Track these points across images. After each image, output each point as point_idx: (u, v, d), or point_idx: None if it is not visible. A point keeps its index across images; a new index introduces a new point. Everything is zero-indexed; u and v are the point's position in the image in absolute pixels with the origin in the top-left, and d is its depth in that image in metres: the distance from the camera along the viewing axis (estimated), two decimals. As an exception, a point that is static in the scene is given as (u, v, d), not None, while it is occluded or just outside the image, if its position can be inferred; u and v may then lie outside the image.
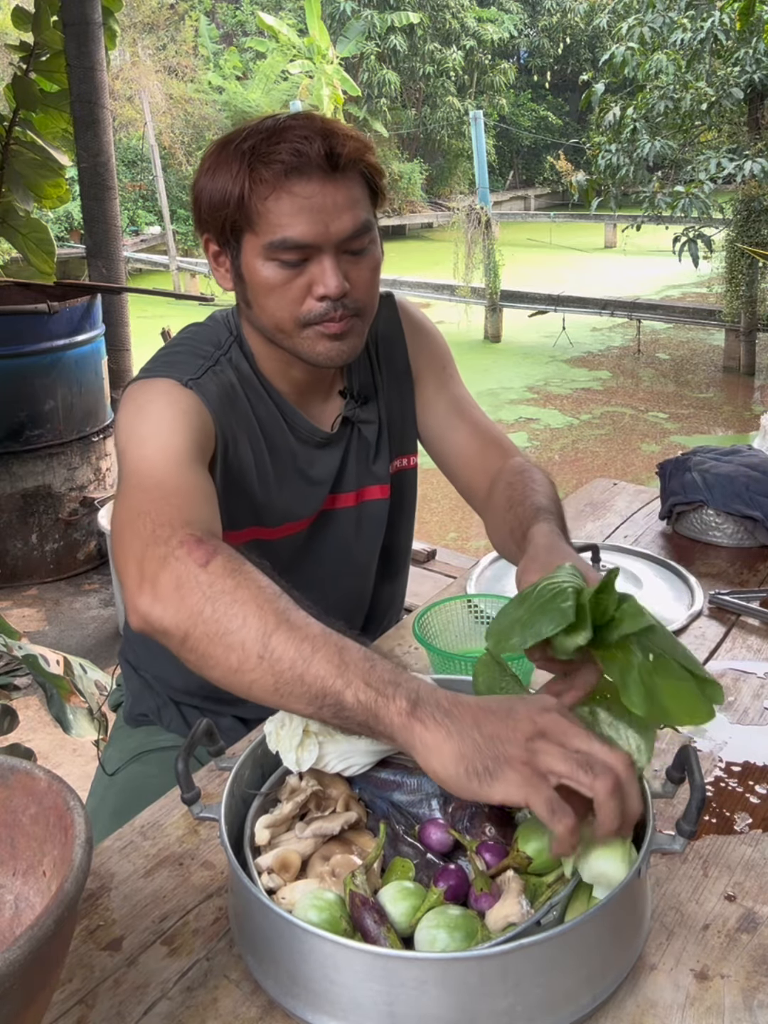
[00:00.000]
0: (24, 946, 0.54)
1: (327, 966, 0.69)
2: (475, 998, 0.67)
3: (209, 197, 1.01)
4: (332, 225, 0.99)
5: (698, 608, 1.36)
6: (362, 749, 0.85)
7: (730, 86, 8.33)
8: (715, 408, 7.62)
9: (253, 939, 0.75)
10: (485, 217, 10.06)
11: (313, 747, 0.84)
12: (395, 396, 1.26)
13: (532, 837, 0.76)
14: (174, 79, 17.37)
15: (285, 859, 0.79)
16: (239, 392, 1.12)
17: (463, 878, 0.75)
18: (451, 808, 0.82)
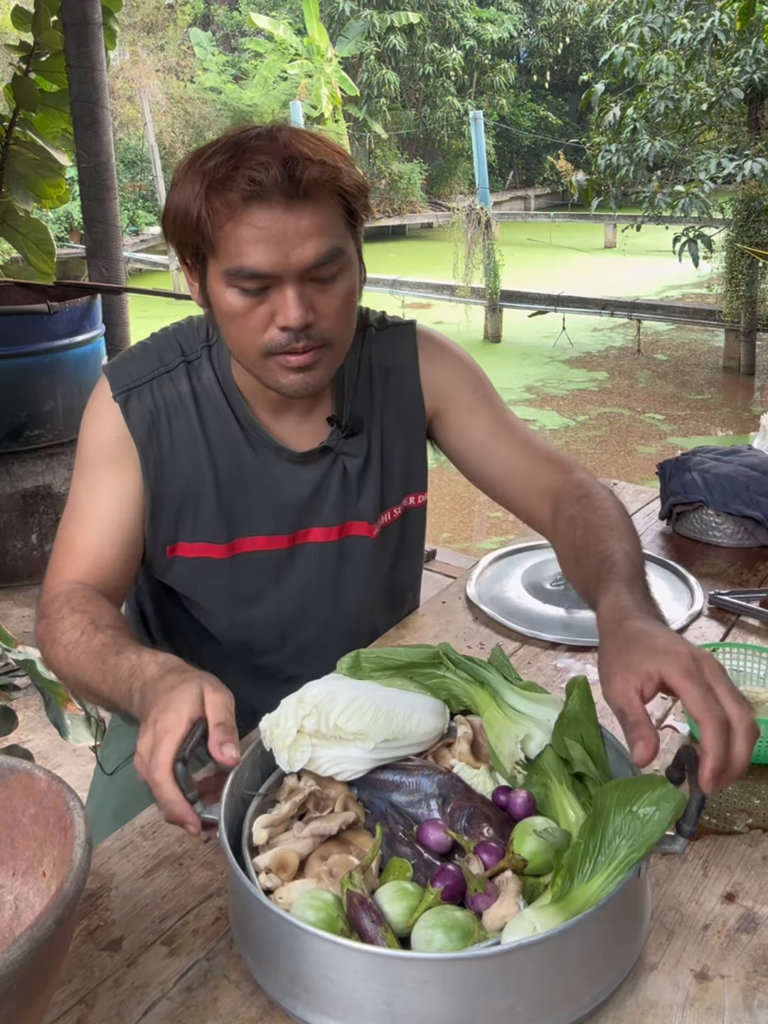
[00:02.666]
0: (24, 946, 0.54)
1: (326, 966, 0.69)
2: (475, 998, 0.67)
3: (174, 214, 0.98)
4: (293, 254, 0.94)
5: (698, 608, 1.36)
6: (355, 756, 0.85)
7: (730, 86, 8.33)
8: (714, 409, 7.62)
9: (252, 939, 0.75)
10: (485, 217, 10.06)
11: (306, 748, 0.85)
12: (400, 433, 1.20)
13: (528, 839, 0.76)
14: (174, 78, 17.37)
15: (283, 859, 0.79)
16: (187, 404, 1.11)
17: (460, 878, 0.75)
18: (449, 808, 0.83)
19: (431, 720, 0.90)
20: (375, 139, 19.41)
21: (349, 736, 0.85)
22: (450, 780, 0.86)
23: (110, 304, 3.54)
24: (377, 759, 0.86)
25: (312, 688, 0.90)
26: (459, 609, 1.40)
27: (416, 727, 0.88)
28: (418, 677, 0.95)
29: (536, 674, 1.21)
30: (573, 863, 0.72)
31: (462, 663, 0.96)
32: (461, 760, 0.90)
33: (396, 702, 0.89)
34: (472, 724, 0.95)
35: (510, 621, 1.34)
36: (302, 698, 0.88)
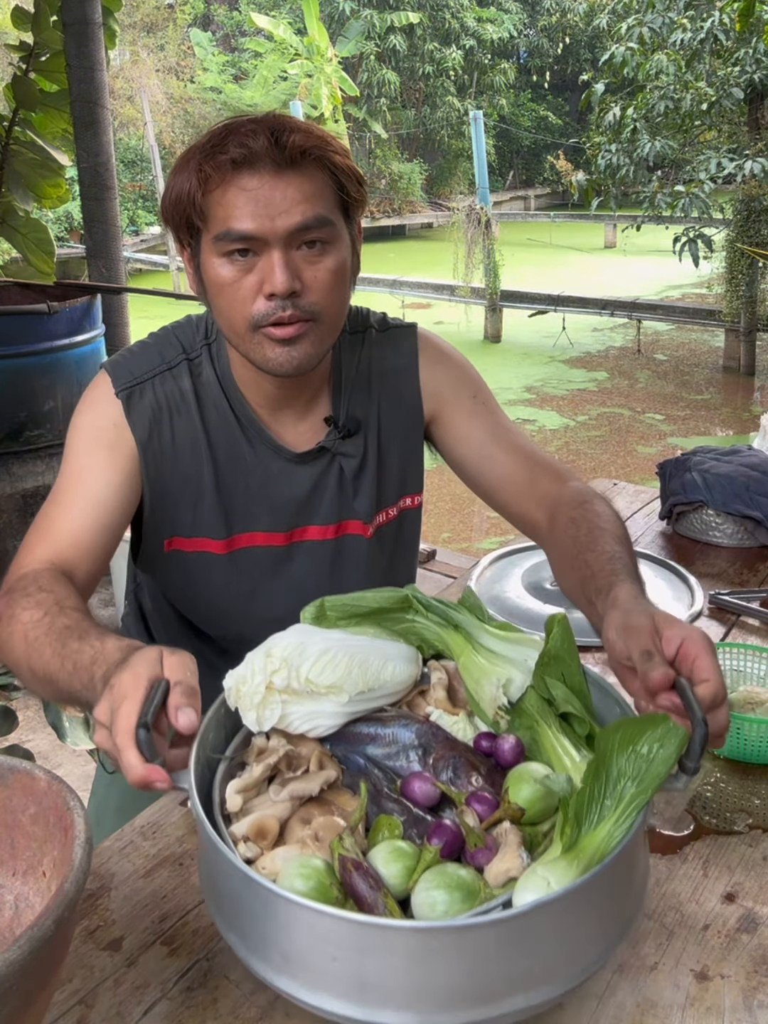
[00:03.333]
0: (24, 946, 0.54)
1: (326, 941, 0.63)
2: (491, 964, 0.63)
3: (169, 197, 1.02)
4: (279, 218, 0.96)
5: (698, 608, 1.36)
6: (329, 711, 0.80)
7: (730, 86, 8.33)
8: (714, 409, 7.62)
9: (235, 915, 0.69)
10: (485, 217, 10.06)
11: (276, 705, 0.79)
12: (398, 434, 1.20)
13: (524, 786, 0.73)
14: (174, 78, 17.38)
15: (262, 825, 0.73)
16: (188, 401, 1.11)
17: (457, 833, 0.71)
18: (432, 759, 0.78)
19: (405, 668, 0.85)
20: (375, 139, 19.41)
21: (322, 690, 0.80)
22: (429, 729, 0.82)
23: (110, 304, 3.54)
24: (351, 712, 0.81)
25: (279, 641, 0.83)
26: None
27: (391, 676, 0.84)
28: (387, 623, 0.90)
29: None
30: (580, 810, 0.69)
31: (433, 606, 0.91)
32: (438, 707, 0.86)
33: (369, 651, 0.84)
34: (447, 669, 0.90)
35: (510, 621, 1.34)
36: (269, 652, 0.81)
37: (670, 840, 0.91)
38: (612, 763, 0.69)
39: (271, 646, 0.82)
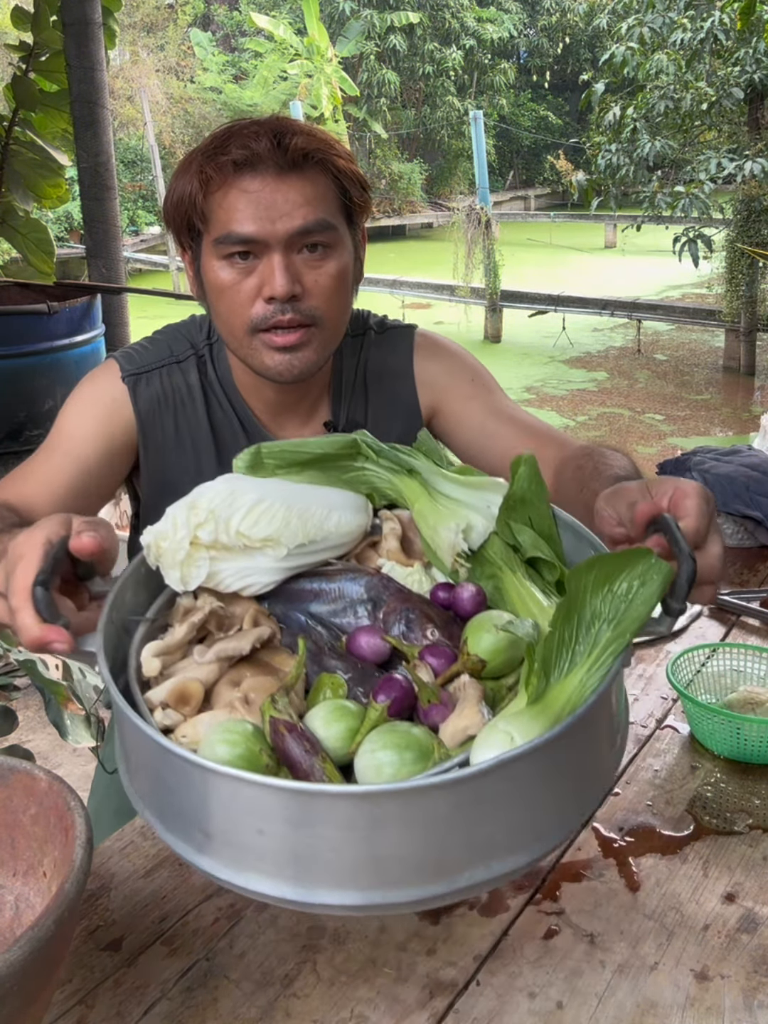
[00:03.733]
0: (24, 947, 0.54)
1: (254, 814, 0.55)
2: (447, 832, 0.54)
3: (170, 199, 1.01)
4: (280, 221, 0.95)
5: (698, 608, 1.36)
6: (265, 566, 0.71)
7: (730, 86, 8.33)
8: (714, 409, 7.62)
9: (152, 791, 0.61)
10: (485, 217, 10.06)
11: (202, 562, 0.70)
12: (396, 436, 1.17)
13: (485, 635, 0.65)
14: (174, 78, 17.38)
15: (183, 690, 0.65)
16: (195, 396, 1.11)
17: (408, 688, 0.62)
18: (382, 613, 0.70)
19: (352, 517, 0.77)
20: (375, 139, 19.41)
21: (256, 544, 0.71)
22: (380, 581, 0.73)
23: (110, 304, 3.54)
24: (291, 567, 0.73)
25: (206, 491, 0.74)
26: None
27: (335, 527, 0.75)
28: (332, 471, 0.81)
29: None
30: (548, 657, 0.60)
31: (384, 451, 0.83)
32: (390, 559, 0.77)
33: (310, 500, 0.75)
34: (400, 518, 0.81)
35: (510, 621, 1.34)
36: (194, 504, 0.73)
37: (670, 840, 0.91)
38: (585, 604, 0.61)
39: (196, 497, 0.74)
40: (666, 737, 1.07)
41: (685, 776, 1.01)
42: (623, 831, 0.92)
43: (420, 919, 0.80)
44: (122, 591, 0.71)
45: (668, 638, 1.29)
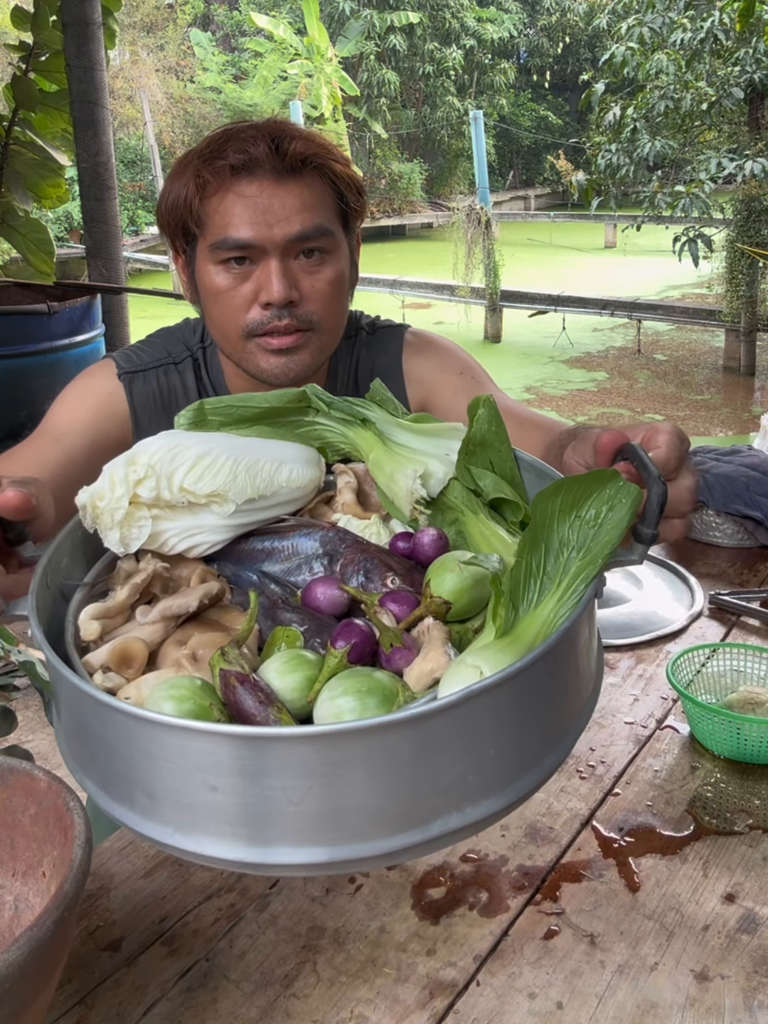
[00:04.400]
0: (24, 947, 0.54)
1: (201, 768, 0.50)
2: (414, 773, 0.50)
3: (165, 202, 1.00)
4: (277, 226, 0.95)
5: (698, 609, 1.36)
6: (212, 524, 0.68)
7: (730, 86, 8.33)
8: (714, 409, 7.62)
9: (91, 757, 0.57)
10: (485, 217, 10.06)
11: (144, 522, 0.67)
12: None
13: (448, 575, 0.61)
14: (173, 78, 17.38)
15: (125, 650, 0.61)
16: (191, 397, 1.11)
17: (368, 633, 0.59)
18: (339, 566, 0.66)
19: (304, 471, 0.73)
20: (375, 139, 19.40)
21: (201, 500, 0.68)
22: (336, 535, 0.69)
23: (110, 304, 3.54)
24: (241, 524, 0.69)
25: (146, 446, 0.70)
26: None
27: (287, 481, 0.71)
28: (282, 427, 0.77)
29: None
30: (515, 588, 0.58)
31: (336, 403, 0.79)
32: (346, 513, 0.74)
33: (258, 453, 0.71)
34: (355, 472, 0.78)
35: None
36: (132, 460, 0.68)
37: (670, 840, 0.91)
38: (553, 532, 0.58)
39: (135, 452, 0.69)
40: (666, 737, 1.07)
41: (685, 776, 1.01)
42: (623, 831, 0.92)
43: (420, 919, 0.80)
44: (57, 555, 0.67)
45: (668, 638, 1.29)
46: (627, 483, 0.58)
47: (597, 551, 0.57)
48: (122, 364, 1.10)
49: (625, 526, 0.58)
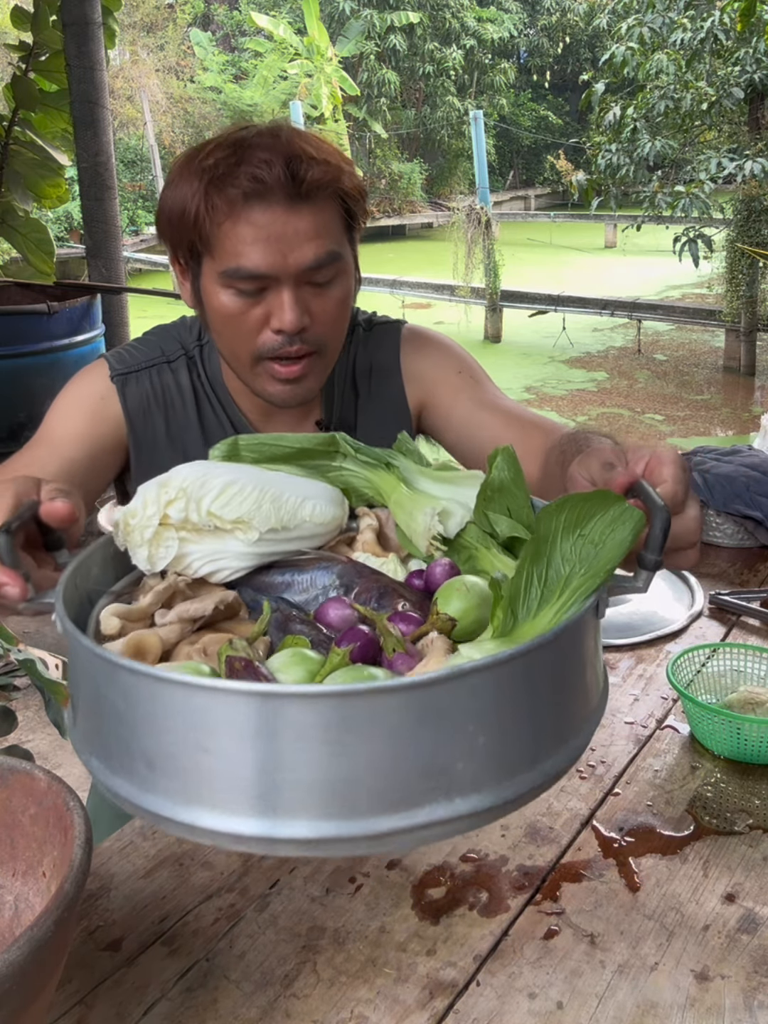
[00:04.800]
0: (24, 947, 0.54)
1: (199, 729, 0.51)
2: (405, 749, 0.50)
3: (169, 212, 0.96)
4: (291, 256, 0.93)
5: (698, 608, 1.36)
6: (235, 550, 0.70)
7: (730, 86, 8.33)
8: (714, 409, 7.62)
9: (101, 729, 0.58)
10: (485, 217, 10.06)
11: (171, 542, 0.70)
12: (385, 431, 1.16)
13: (455, 596, 0.64)
14: (173, 78, 17.38)
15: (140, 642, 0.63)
16: (185, 396, 1.11)
17: (373, 638, 0.60)
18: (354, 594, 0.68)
19: (328, 508, 0.75)
20: (375, 139, 19.41)
21: (227, 526, 0.70)
22: (353, 568, 0.71)
23: (110, 304, 3.54)
24: (262, 554, 0.71)
25: (179, 471, 0.73)
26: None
27: (310, 515, 0.74)
28: (311, 468, 0.80)
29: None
30: (515, 595, 0.60)
31: (363, 449, 0.82)
32: (366, 551, 0.76)
33: (284, 487, 0.74)
34: (378, 515, 0.80)
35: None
36: (165, 482, 0.72)
37: (670, 840, 0.91)
38: (555, 547, 0.60)
39: (169, 476, 0.73)
40: (666, 737, 1.07)
41: (685, 776, 1.01)
42: (623, 831, 0.92)
43: (420, 919, 0.80)
44: (88, 561, 0.69)
45: (668, 638, 1.29)
46: (631, 507, 0.59)
47: (598, 568, 0.58)
48: (115, 365, 1.10)
49: (627, 547, 0.59)
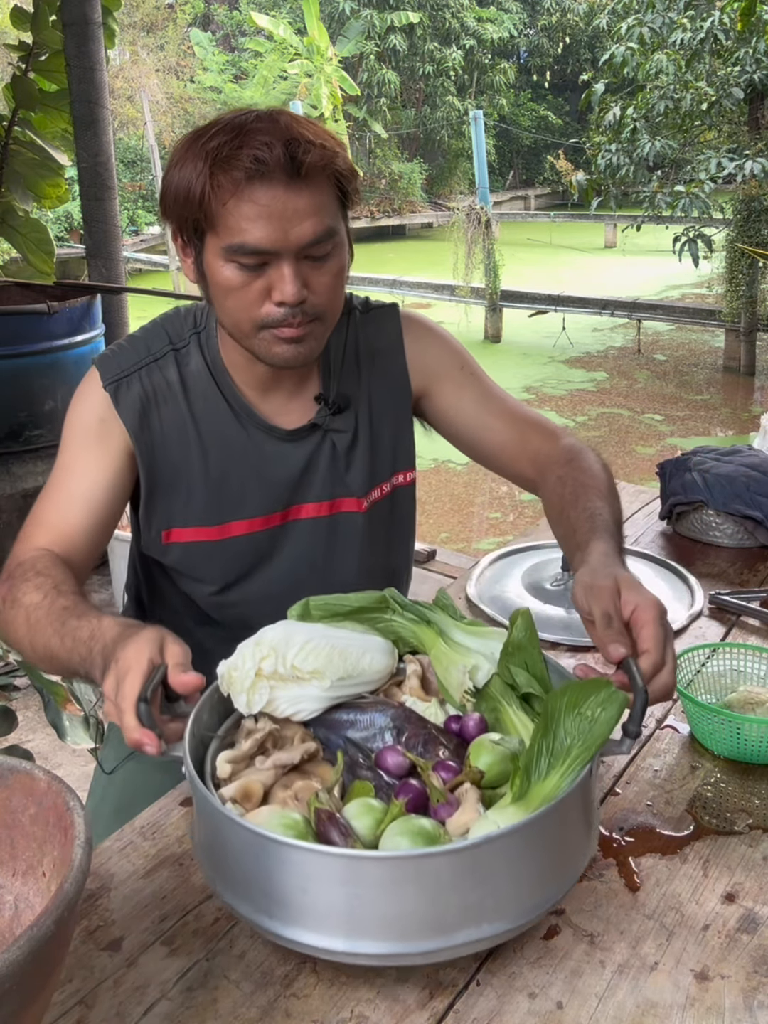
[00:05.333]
0: (24, 947, 0.54)
1: (301, 875, 0.70)
2: (446, 893, 0.69)
3: (174, 192, 1.01)
4: (292, 232, 0.98)
5: (698, 608, 1.36)
6: (312, 695, 0.88)
7: (730, 86, 8.32)
8: (714, 409, 7.62)
9: (225, 864, 0.76)
10: (485, 217, 10.06)
11: (264, 690, 0.87)
12: (388, 411, 1.23)
13: (483, 752, 0.82)
14: (173, 78, 17.37)
15: (247, 788, 0.81)
16: (175, 391, 1.14)
17: (422, 791, 0.79)
18: (405, 738, 0.87)
19: (382, 659, 0.94)
20: (375, 139, 19.40)
21: (306, 676, 0.88)
22: (403, 712, 0.89)
23: (110, 304, 3.53)
24: (333, 697, 0.89)
25: (268, 632, 0.92)
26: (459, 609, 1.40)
27: (369, 665, 0.92)
28: (367, 621, 0.98)
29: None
30: (529, 764, 0.77)
31: (408, 606, 1.00)
32: (412, 695, 0.94)
33: (349, 642, 0.93)
34: (420, 662, 0.99)
35: (510, 621, 1.34)
36: (259, 641, 0.90)
37: (670, 840, 0.91)
38: (560, 723, 0.77)
39: (260, 636, 0.91)
40: (666, 737, 1.07)
41: (685, 776, 1.01)
42: (623, 831, 0.92)
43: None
44: (200, 711, 0.87)
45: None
46: (617, 691, 0.77)
47: (592, 740, 0.76)
48: (105, 374, 1.14)
49: (615, 723, 0.77)
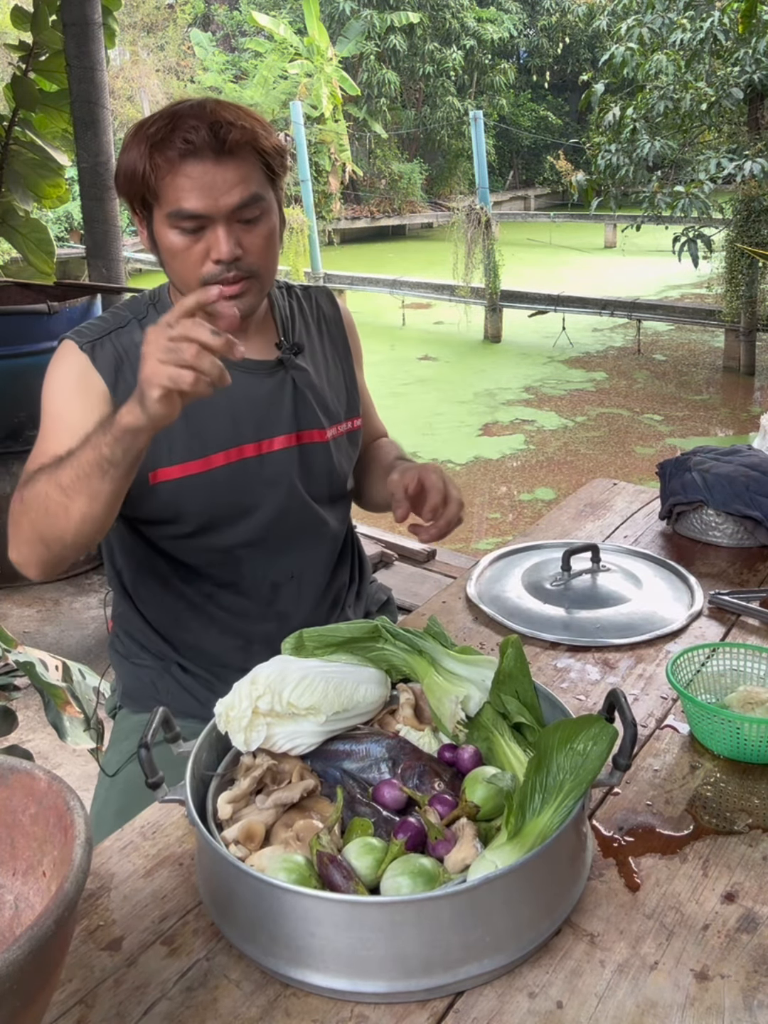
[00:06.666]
0: (24, 946, 0.54)
1: (307, 920, 0.72)
2: (447, 933, 0.72)
3: (124, 172, 1.18)
4: (221, 199, 1.15)
5: (698, 608, 1.36)
6: (309, 730, 0.91)
7: (730, 86, 8.32)
8: (713, 409, 7.62)
9: (231, 908, 0.78)
10: (485, 217, 10.06)
11: (261, 728, 0.89)
12: (337, 365, 1.43)
13: (478, 786, 0.84)
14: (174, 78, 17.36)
15: (250, 829, 0.83)
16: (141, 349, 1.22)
17: (420, 828, 0.81)
18: (400, 769, 0.89)
19: (376, 690, 0.97)
20: (375, 139, 19.39)
21: (302, 712, 0.90)
22: (398, 743, 0.92)
23: (110, 304, 3.53)
24: (328, 731, 0.92)
25: (263, 670, 0.94)
26: (459, 609, 1.40)
27: (363, 697, 0.95)
28: (359, 651, 1.01)
29: (537, 674, 1.21)
30: (523, 800, 0.79)
31: (400, 635, 1.02)
32: (406, 724, 0.97)
33: (343, 676, 0.95)
34: (413, 690, 1.01)
35: (510, 621, 1.34)
36: (254, 680, 0.92)
37: (670, 840, 0.91)
38: (552, 759, 0.80)
39: (256, 675, 0.93)
40: (666, 737, 1.08)
41: (685, 776, 1.01)
42: (623, 831, 0.92)
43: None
44: (200, 751, 0.90)
45: (668, 637, 1.29)
46: (608, 725, 0.80)
47: (584, 775, 0.79)
48: (79, 339, 1.26)
49: (605, 757, 0.79)
